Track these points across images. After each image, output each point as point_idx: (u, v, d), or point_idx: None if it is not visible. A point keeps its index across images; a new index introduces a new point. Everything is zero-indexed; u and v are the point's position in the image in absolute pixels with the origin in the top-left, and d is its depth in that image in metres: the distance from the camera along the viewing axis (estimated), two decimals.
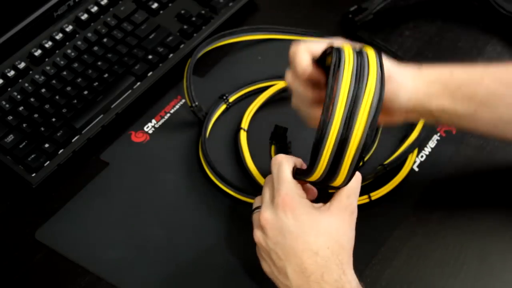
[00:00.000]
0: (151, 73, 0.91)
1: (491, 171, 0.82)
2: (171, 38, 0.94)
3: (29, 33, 0.91)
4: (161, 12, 0.97)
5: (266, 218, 0.66)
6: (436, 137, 0.86)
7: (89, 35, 0.92)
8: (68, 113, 0.85)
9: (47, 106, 0.85)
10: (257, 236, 0.68)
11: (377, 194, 0.79)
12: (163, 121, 0.89)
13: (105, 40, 0.92)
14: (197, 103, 0.86)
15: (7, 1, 0.88)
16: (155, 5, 0.97)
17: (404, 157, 0.83)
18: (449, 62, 0.95)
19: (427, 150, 0.84)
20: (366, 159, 0.83)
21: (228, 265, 0.75)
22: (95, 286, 0.74)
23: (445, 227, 0.78)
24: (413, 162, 0.83)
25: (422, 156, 0.84)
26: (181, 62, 0.92)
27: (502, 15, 0.97)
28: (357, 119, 0.59)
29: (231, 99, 0.89)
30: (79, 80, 0.88)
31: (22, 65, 0.88)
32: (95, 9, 0.95)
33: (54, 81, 0.88)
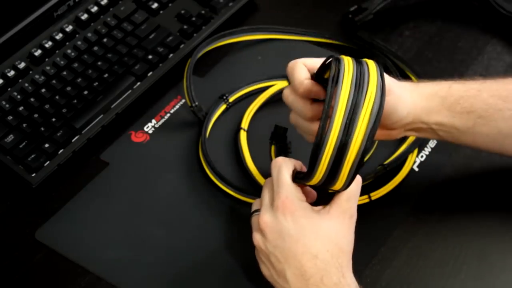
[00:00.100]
0: (151, 73, 0.91)
1: (491, 171, 0.82)
2: (171, 38, 0.93)
3: (29, 33, 0.91)
4: (161, 12, 0.97)
5: (266, 221, 0.66)
6: None
7: (89, 35, 0.92)
8: (68, 113, 0.85)
9: (47, 106, 0.85)
10: (256, 239, 0.67)
11: (377, 194, 0.79)
12: (163, 121, 0.89)
13: (105, 40, 0.92)
14: (197, 103, 0.86)
15: (7, 1, 0.88)
16: (155, 5, 0.97)
17: (404, 157, 0.83)
18: (449, 62, 0.95)
19: (427, 150, 0.84)
20: (366, 159, 0.83)
21: (228, 265, 0.75)
22: (95, 286, 0.74)
23: (445, 227, 0.78)
24: (413, 162, 0.83)
25: (422, 156, 0.84)
26: (181, 62, 0.92)
27: (502, 15, 0.97)
28: (357, 125, 0.59)
29: (231, 99, 0.89)
30: (79, 80, 0.88)
31: (22, 65, 0.88)
32: (95, 9, 0.95)
33: (54, 81, 0.88)
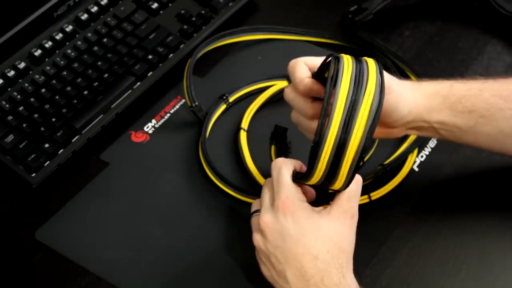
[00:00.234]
0: (151, 73, 0.91)
1: (491, 171, 0.82)
2: (171, 38, 0.93)
3: (29, 33, 0.91)
4: (161, 12, 0.97)
5: (266, 221, 0.66)
6: None
7: (89, 35, 0.92)
8: (68, 113, 0.85)
9: (47, 106, 0.85)
10: (257, 239, 0.67)
11: (377, 194, 0.79)
12: (163, 121, 0.89)
13: (105, 40, 0.92)
14: (197, 103, 0.86)
15: (7, 1, 0.88)
16: (155, 5, 0.97)
17: (404, 157, 0.83)
18: (449, 62, 0.95)
19: (427, 150, 0.84)
20: (366, 159, 0.83)
21: (228, 265, 0.75)
22: (95, 286, 0.74)
23: (445, 227, 0.78)
24: (413, 162, 0.83)
25: (422, 156, 0.84)
26: (181, 62, 0.92)
27: (502, 15, 0.97)
28: (356, 122, 0.59)
29: (231, 99, 0.89)
30: (79, 80, 0.88)
31: (22, 65, 0.88)
32: (95, 9, 0.95)
33: (54, 81, 0.88)
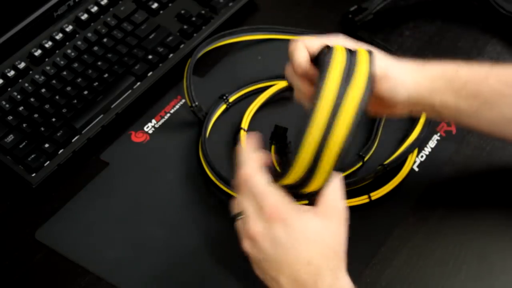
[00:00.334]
0: (151, 73, 0.91)
1: (491, 171, 0.82)
2: (171, 38, 0.93)
3: (29, 33, 0.91)
4: (161, 12, 0.97)
5: (256, 230, 0.64)
6: (436, 137, 0.86)
7: (89, 35, 0.92)
8: (68, 113, 0.85)
9: (47, 106, 0.85)
10: (247, 247, 0.65)
11: (377, 194, 0.79)
12: (163, 121, 0.89)
13: (105, 40, 0.92)
14: (197, 103, 0.86)
15: (7, 1, 0.88)
16: (155, 5, 0.97)
17: (404, 157, 0.83)
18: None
19: (427, 150, 0.84)
20: (366, 159, 0.83)
21: (228, 265, 0.75)
22: (95, 286, 0.74)
23: (445, 227, 0.78)
24: (413, 162, 0.83)
25: (422, 156, 0.84)
26: (181, 62, 0.92)
27: (502, 15, 0.97)
28: (339, 118, 0.59)
29: (231, 99, 0.89)
30: (79, 80, 0.88)
31: (22, 65, 0.88)
32: (95, 9, 0.95)
33: (54, 81, 0.88)
